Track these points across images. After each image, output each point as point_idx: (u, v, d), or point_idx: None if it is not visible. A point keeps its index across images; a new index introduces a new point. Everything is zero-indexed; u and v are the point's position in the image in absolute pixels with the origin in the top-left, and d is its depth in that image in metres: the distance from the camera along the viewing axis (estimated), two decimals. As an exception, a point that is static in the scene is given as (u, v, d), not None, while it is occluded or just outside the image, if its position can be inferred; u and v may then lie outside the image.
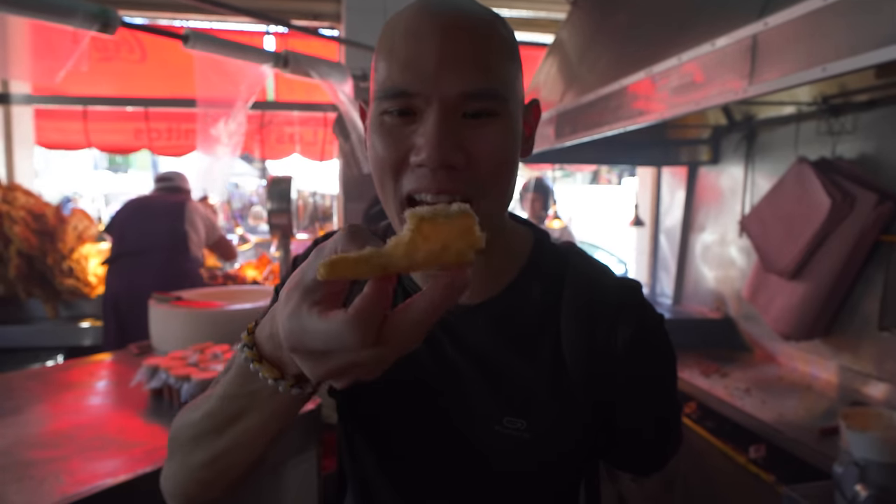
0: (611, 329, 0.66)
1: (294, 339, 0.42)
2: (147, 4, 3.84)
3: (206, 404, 0.57)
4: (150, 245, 3.18)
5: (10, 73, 3.04)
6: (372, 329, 0.40)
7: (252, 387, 0.51)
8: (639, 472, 0.72)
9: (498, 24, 0.60)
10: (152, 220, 3.28)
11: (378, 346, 0.40)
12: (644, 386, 0.68)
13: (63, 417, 1.71)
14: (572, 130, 2.30)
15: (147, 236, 3.21)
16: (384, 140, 0.58)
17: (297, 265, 0.75)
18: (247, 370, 0.50)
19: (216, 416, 0.55)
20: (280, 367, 0.49)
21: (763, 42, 1.25)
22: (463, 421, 0.67)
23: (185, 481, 0.60)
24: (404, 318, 0.40)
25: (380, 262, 0.40)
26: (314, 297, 0.42)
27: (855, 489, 1.31)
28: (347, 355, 0.41)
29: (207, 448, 0.56)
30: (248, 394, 0.52)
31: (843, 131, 2.23)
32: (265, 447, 0.55)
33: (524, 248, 0.72)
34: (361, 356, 0.40)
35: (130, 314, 2.99)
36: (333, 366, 0.42)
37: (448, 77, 0.55)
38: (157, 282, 2.95)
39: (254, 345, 0.50)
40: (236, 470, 0.57)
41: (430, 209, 0.40)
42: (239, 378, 0.52)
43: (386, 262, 0.40)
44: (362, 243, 0.41)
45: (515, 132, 0.61)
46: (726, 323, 2.92)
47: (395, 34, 0.58)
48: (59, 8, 1.74)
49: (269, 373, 0.49)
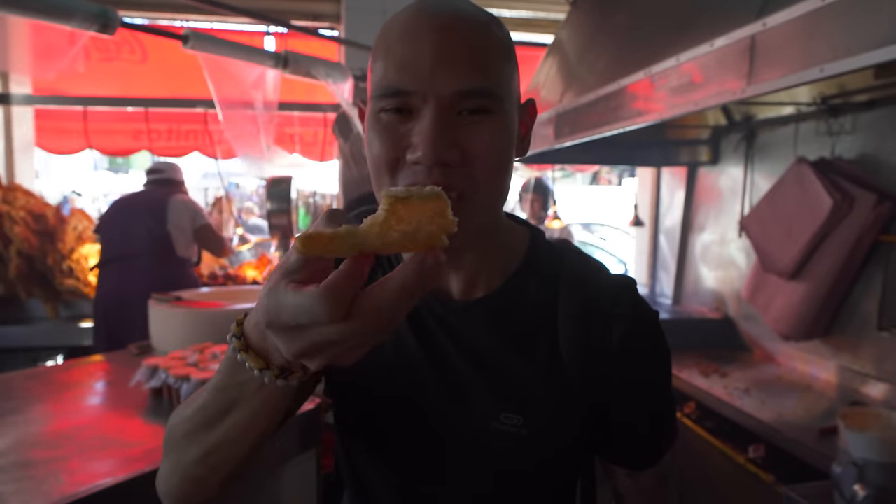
0: (606, 325, 0.67)
1: (269, 315, 0.43)
2: (147, 5, 3.84)
3: (199, 399, 0.57)
4: (134, 250, 3.07)
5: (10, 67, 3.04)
6: (342, 303, 0.40)
7: (240, 377, 0.51)
8: (634, 467, 0.72)
9: (493, 26, 0.61)
10: (135, 222, 3.14)
11: (348, 321, 0.40)
12: (639, 382, 0.69)
13: (63, 417, 1.71)
14: (571, 131, 2.30)
15: (130, 240, 3.10)
16: (381, 137, 0.59)
17: None
18: (235, 361, 0.51)
19: (208, 409, 0.55)
20: (265, 356, 0.49)
21: (761, 42, 1.25)
22: (460, 418, 0.67)
23: (179, 480, 0.60)
24: (376, 296, 0.40)
25: (354, 240, 0.40)
26: (294, 276, 0.43)
27: (853, 489, 1.31)
28: (318, 329, 0.41)
29: (200, 444, 0.57)
30: (237, 385, 0.52)
31: (842, 131, 2.23)
32: (256, 442, 0.55)
33: (520, 246, 0.72)
34: (331, 330, 0.40)
35: (117, 319, 2.96)
36: (306, 342, 0.42)
37: (444, 76, 0.56)
38: (142, 287, 2.84)
39: (242, 335, 0.51)
40: (228, 465, 0.57)
41: (404, 189, 0.41)
42: (229, 369, 0.53)
43: (361, 241, 0.40)
44: (340, 224, 0.41)
45: (511, 130, 0.62)
46: (726, 323, 2.93)
47: (392, 34, 0.59)
48: (59, 8, 1.75)
49: (255, 363, 0.49)
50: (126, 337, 2.79)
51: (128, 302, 2.92)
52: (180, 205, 3.19)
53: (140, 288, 2.87)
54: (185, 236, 3.19)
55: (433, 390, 0.68)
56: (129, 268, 3.05)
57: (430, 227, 0.41)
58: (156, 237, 3.08)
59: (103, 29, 1.87)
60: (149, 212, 3.14)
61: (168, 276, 3.03)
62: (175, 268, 3.15)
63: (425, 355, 0.68)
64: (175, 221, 3.13)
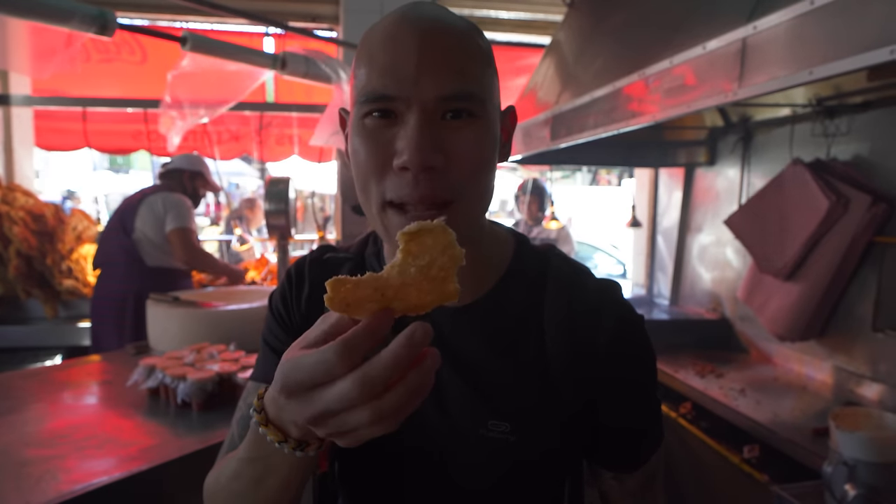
0: (592, 329, 0.68)
1: (286, 377, 0.44)
2: (146, 6, 3.85)
3: (231, 466, 0.60)
4: (108, 258, 2.98)
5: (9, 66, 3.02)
6: (357, 355, 0.41)
7: (266, 450, 0.53)
8: (620, 470, 0.73)
9: (474, 34, 0.62)
10: (110, 226, 3.03)
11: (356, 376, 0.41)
12: (624, 384, 0.69)
13: (60, 417, 1.72)
14: (568, 132, 2.31)
15: (106, 246, 3.02)
16: (366, 143, 0.60)
17: (290, 280, 0.77)
18: (258, 434, 0.53)
19: (242, 479, 0.58)
20: (283, 429, 0.51)
21: (752, 45, 1.26)
22: (448, 425, 0.68)
23: None
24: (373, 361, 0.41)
25: (377, 283, 0.43)
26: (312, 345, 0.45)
27: (844, 488, 1.32)
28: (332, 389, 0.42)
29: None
30: (265, 457, 0.54)
31: (837, 133, 2.24)
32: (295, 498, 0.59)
33: (506, 251, 0.73)
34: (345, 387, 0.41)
35: (99, 321, 2.97)
36: (321, 406, 0.43)
37: (427, 81, 0.57)
38: (117, 296, 2.86)
39: (262, 409, 0.52)
40: None
41: (414, 224, 0.44)
42: (255, 442, 0.55)
43: (383, 282, 0.43)
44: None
45: (493, 134, 0.63)
46: (722, 324, 2.93)
47: (375, 41, 0.60)
48: (57, 10, 1.76)
49: (274, 435, 0.51)
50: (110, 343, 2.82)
51: (105, 309, 2.91)
52: (146, 208, 2.92)
53: (115, 296, 2.87)
54: (153, 244, 2.92)
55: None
56: (106, 275, 2.99)
57: (442, 258, 0.44)
58: (123, 247, 2.91)
59: (101, 31, 1.88)
60: (122, 218, 2.97)
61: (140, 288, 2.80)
62: (147, 279, 2.87)
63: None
64: (140, 228, 2.91)
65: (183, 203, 2.99)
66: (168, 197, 2.98)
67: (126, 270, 2.91)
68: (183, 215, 2.94)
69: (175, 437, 1.57)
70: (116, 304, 2.87)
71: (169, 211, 2.92)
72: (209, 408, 1.74)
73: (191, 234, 2.96)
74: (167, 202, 2.95)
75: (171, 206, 2.94)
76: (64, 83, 4.01)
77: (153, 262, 2.94)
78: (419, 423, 0.68)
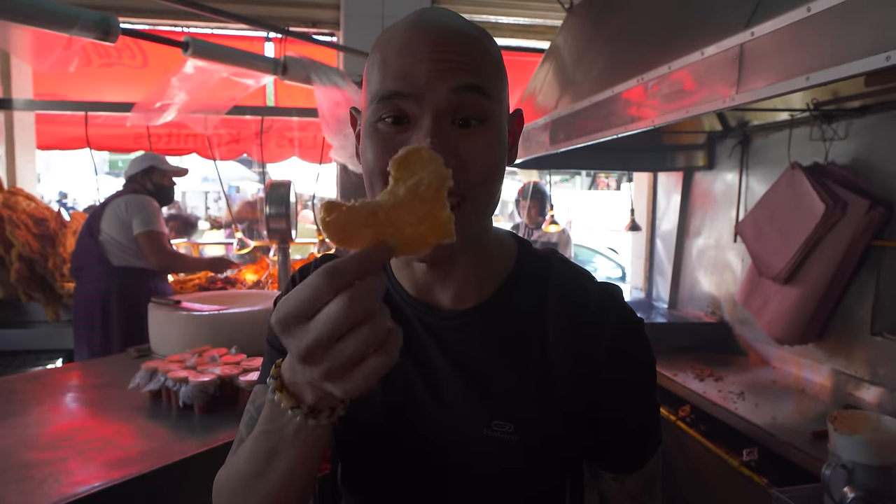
0: (593, 332, 0.69)
1: (280, 313, 0.46)
2: (148, 11, 3.86)
3: (245, 447, 0.61)
4: (80, 264, 2.99)
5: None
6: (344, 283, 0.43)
7: (280, 422, 0.55)
8: (619, 471, 0.73)
9: (486, 40, 0.64)
10: (81, 235, 3.01)
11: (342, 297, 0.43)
12: (624, 387, 0.70)
13: (62, 419, 1.73)
14: (567, 136, 2.32)
15: (76, 254, 3.04)
16: (376, 146, 0.61)
17: (295, 283, 0.77)
18: (273, 403, 0.54)
19: (255, 455, 0.59)
20: (297, 395, 0.53)
21: (750, 51, 1.27)
22: (451, 426, 0.68)
23: None
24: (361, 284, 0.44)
25: (370, 206, 0.46)
26: None
27: (843, 491, 1.32)
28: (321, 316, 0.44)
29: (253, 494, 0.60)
30: (279, 429, 0.55)
31: (835, 137, 2.25)
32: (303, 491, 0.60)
33: (509, 255, 0.74)
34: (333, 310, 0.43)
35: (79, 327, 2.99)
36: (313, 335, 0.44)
37: (439, 85, 0.59)
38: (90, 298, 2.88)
39: (278, 375, 0.54)
40: None
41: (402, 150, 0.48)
42: (269, 413, 0.56)
43: (375, 205, 0.46)
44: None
45: (503, 139, 0.64)
46: (721, 327, 2.94)
47: (389, 47, 0.62)
48: (61, 16, 1.77)
49: (287, 401, 0.52)
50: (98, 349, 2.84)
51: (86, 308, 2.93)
52: (110, 211, 2.91)
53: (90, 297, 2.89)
54: (119, 245, 2.89)
55: (425, 399, 0.69)
56: (81, 279, 3.01)
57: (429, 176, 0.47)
58: (92, 251, 2.91)
59: (104, 37, 1.89)
60: (87, 224, 2.98)
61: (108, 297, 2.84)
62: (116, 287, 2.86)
63: (416, 364, 0.70)
64: (105, 230, 2.90)
65: (148, 205, 2.95)
66: (131, 199, 2.95)
67: (96, 273, 2.93)
68: (148, 218, 2.90)
69: (177, 440, 1.57)
70: (89, 307, 2.90)
71: (135, 214, 2.89)
72: (211, 411, 1.75)
73: (159, 236, 2.92)
74: (130, 204, 2.92)
75: (136, 208, 2.91)
76: (65, 87, 4.03)
77: (119, 262, 2.92)
78: (422, 424, 0.69)
